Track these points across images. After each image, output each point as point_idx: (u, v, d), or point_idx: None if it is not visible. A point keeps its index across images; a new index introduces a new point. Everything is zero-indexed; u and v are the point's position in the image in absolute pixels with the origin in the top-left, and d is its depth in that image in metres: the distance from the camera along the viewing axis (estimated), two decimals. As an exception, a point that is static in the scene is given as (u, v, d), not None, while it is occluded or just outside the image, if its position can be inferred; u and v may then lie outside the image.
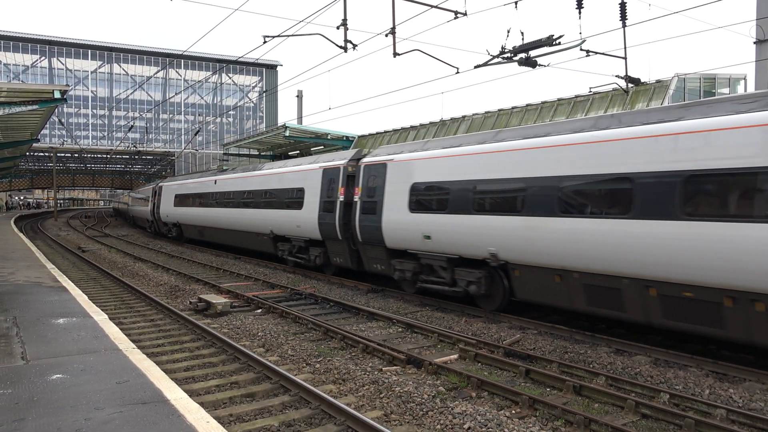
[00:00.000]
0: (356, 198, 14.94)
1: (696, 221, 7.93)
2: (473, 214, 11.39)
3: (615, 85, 15.84)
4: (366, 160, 15.01)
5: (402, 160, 13.62)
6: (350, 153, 16.38)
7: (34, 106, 15.91)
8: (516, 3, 12.01)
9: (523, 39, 11.97)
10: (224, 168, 28.78)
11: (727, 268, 7.56)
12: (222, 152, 47.02)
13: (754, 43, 18.43)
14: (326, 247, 16.78)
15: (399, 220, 13.37)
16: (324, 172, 16.70)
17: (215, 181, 25.36)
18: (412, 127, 29.04)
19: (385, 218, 13.77)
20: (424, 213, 12.67)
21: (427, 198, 12.74)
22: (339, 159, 16.43)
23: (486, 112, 24.83)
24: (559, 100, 21.82)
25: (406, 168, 13.42)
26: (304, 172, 17.89)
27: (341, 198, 15.62)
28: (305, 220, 17.24)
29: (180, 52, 50.17)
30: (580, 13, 12.36)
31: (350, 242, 15.54)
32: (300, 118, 54.95)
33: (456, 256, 12.02)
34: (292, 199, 18.24)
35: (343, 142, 32.11)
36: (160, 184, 34.81)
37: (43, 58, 72.44)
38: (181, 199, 29.84)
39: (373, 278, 16.58)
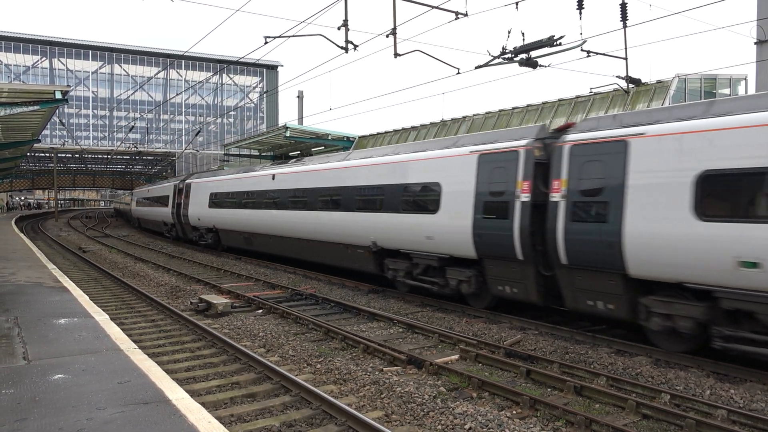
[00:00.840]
0: (555, 197, 10.03)
1: None
2: None
3: (616, 86, 15.83)
4: (575, 137, 9.96)
5: (667, 134, 8.58)
6: (530, 130, 11.34)
7: (35, 107, 15.94)
8: (517, 4, 12.03)
9: (523, 39, 11.99)
10: (280, 160, 23.70)
11: None
12: (223, 153, 47.06)
13: (755, 43, 18.43)
14: (484, 268, 11.68)
15: (668, 233, 8.36)
16: (482, 159, 11.63)
17: (273, 176, 20.29)
18: (413, 128, 29.07)
19: (630, 229, 8.80)
20: (742, 222, 7.67)
21: (754, 194, 7.64)
22: (509, 139, 11.34)
23: (487, 113, 24.86)
24: (559, 100, 21.83)
25: (680, 146, 8.39)
26: (441, 161, 12.66)
27: (524, 197, 10.66)
28: (444, 228, 12.27)
29: (181, 53, 50.28)
30: (580, 13, 12.38)
31: (537, 263, 10.61)
32: (301, 119, 54.97)
33: None
34: (418, 198, 13.18)
35: (343, 143, 32.15)
36: (188, 180, 29.54)
37: (44, 58, 72.59)
38: (220, 199, 24.73)
39: (372, 278, 16.34)
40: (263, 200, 20.73)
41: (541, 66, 12.41)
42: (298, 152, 35.42)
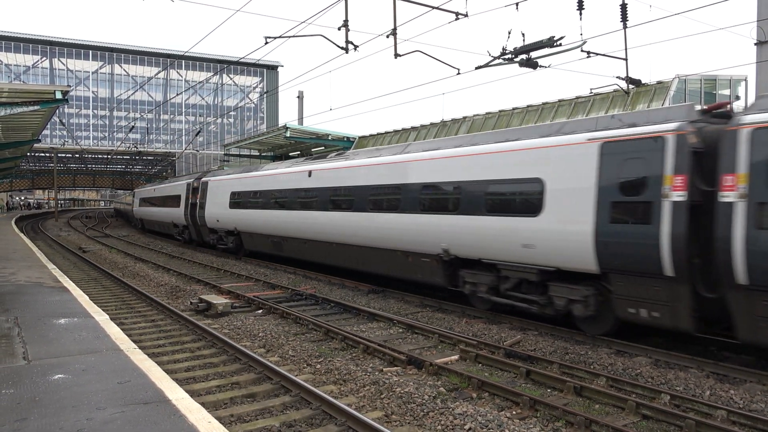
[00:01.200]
0: (729, 196, 7.84)
1: None
2: None
3: (616, 86, 15.83)
4: (758, 119, 7.68)
5: None
6: (676, 110, 9.02)
7: (36, 107, 15.94)
8: (517, 4, 12.03)
9: (524, 40, 11.98)
10: (316, 155, 21.25)
11: None
12: (223, 153, 47.12)
13: (755, 44, 18.43)
14: (610, 285, 9.35)
15: None
16: (607, 149, 9.29)
17: (309, 172, 17.85)
18: (413, 128, 29.11)
19: None
20: None
21: None
22: (644, 122, 9.09)
23: (487, 113, 24.90)
24: (559, 101, 21.85)
25: None
26: (543, 152, 10.33)
27: (676, 196, 8.38)
28: (549, 234, 9.98)
29: (181, 53, 50.29)
30: (580, 14, 12.37)
31: (695, 282, 8.34)
32: (301, 119, 55.01)
33: None
34: (510, 197, 10.91)
35: (343, 143, 32.19)
36: (205, 178, 27.13)
37: (44, 58, 72.53)
38: (244, 198, 22.23)
39: (371, 280, 16.51)
40: (297, 199, 18.25)
41: (541, 66, 12.41)
42: (298, 152, 35.47)
